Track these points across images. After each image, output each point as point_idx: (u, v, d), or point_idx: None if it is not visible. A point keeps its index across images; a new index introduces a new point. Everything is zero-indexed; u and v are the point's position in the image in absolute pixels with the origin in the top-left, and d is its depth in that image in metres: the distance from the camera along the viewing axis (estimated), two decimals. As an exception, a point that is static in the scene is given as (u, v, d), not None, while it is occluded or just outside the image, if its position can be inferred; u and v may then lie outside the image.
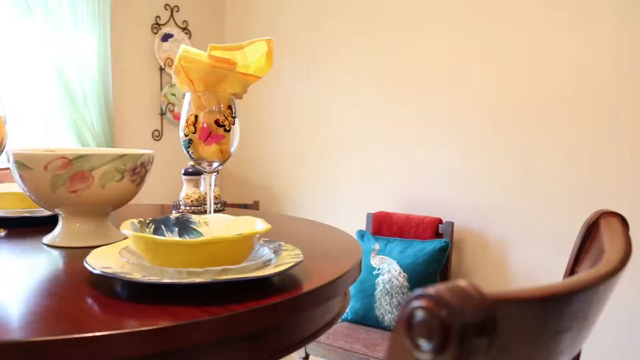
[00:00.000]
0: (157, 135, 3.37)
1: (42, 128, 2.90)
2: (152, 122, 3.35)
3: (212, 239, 0.71)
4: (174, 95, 3.40)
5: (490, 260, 2.55)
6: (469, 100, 2.57)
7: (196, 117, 0.94)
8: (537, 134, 2.37)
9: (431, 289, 0.33)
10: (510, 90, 2.44)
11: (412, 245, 2.44)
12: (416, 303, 0.33)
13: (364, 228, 2.81)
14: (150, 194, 2.96)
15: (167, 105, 3.37)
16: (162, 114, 3.37)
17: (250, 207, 3.17)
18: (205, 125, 0.93)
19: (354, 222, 2.96)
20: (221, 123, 0.93)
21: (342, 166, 3.10)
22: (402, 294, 2.34)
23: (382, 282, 2.39)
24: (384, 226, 2.65)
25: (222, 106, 0.95)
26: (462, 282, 0.34)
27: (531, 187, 2.40)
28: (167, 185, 3.26)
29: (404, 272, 2.37)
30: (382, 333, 2.35)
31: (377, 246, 2.49)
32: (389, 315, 2.35)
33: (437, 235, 2.54)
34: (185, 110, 0.96)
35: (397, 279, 2.37)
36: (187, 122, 0.95)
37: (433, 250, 2.38)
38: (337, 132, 3.11)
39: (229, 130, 0.95)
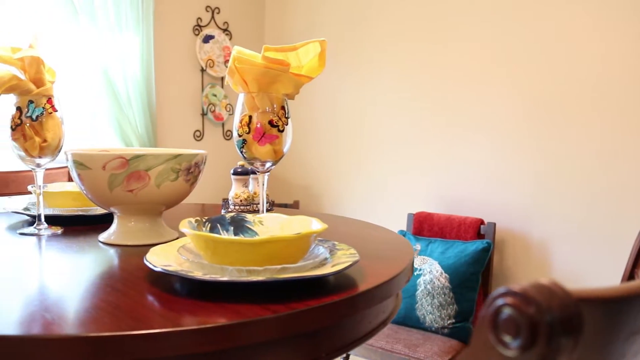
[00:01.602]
0: (199, 136, 3.41)
1: (87, 128, 2.96)
2: (193, 123, 3.39)
3: (272, 238, 0.72)
4: (215, 96, 3.43)
5: (532, 261, 2.52)
6: (511, 101, 2.54)
7: (250, 117, 0.95)
8: (580, 135, 2.33)
9: (516, 287, 0.33)
10: (551, 90, 2.41)
11: (453, 246, 2.42)
12: (501, 300, 0.33)
13: (404, 228, 2.80)
14: (191, 193, 2.99)
15: (209, 105, 3.40)
16: (204, 114, 3.41)
17: (291, 207, 3.18)
18: (259, 126, 0.94)
19: (394, 223, 2.96)
20: (275, 123, 0.94)
21: (383, 166, 3.09)
22: (444, 294, 2.33)
23: (424, 283, 2.38)
24: (425, 226, 2.63)
25: (275, 107, 0.95)
26: (544, 280, 0.34)
27: (574, 187, 2.36)
28: (207, 185, 3.30)
29: (445, 272, 2.36)
30: (423, 334, 2.34)
31: (418, 247, 2.48)
32: (430, 315, 2.34)
33: (479, 236, 2.51)
34: (239, 111, 0.97)
35: (438, 280, 2.35)
36: (241, 123, 0.96)
37: (475, 251, 2.36)
38: (377, 132, 3.11)
39: (282, 131, 0.96)
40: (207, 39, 3.40)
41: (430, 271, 2.38)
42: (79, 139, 2.91)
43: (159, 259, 0.79)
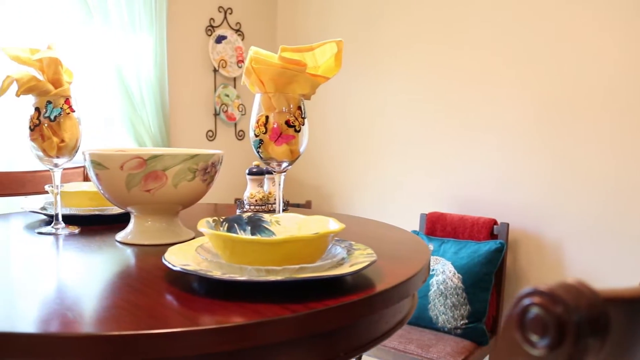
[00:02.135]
0: (211, 136, 3.42)
1: (101, 128, 2.97)
2: (206, 123, 3.40)
3: (291, 238, 0.72)
4: (227, 96, 3.44)
5: (546, 262, 2.51)
6: (523, 101, 2.53)
7: (267, 117, 0.95)
8: (592, 134, 2.32)
9: (543, 286, 0.34)
10: (563, 90, 2.40)
11: (466, 246, 2.41)
12: (528, 300, 0.34)
13: (417, 228, 2.80)
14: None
15: (221, 106, 3.42)
16: (216, 114, 3.42)
17: (303, 207, 3.19)
18: (276, 126, 0.95)
19: (407, 223, 2.95)
20: (291, 123, 0.95)
21: (395, 167, 3.09)
22: (457, 295, 2.32)
23: (437, 283, 2.37)
24: (437, 227, 2.63)
25: (291, 107, 0.96)
26: (571, 280, 0.34)
27: (587, 187, 2.35)
28: (219, 185, 3.31)
29: (458, 273, 2.35)
30: (435, 334, 2.33)
31: (431, 247, 2.48)
32: (443, 316, 2.34)
33: (492, 236, 2.51)
34: (255, 111, 0.98)
35: (451, 280, 2.35)
36: (257, 123, 0.96)
37: (488, 251, 2.35)
38: (389, 133, 3.11)
39: (299, 131, 0.96)
40: (220, 39, 3.41)
41: (443, 271, 2.38)
42: (92, 139, 2.92)
43: (177, 259, 0.79)
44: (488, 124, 2.67)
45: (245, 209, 1.39)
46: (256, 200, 1.37)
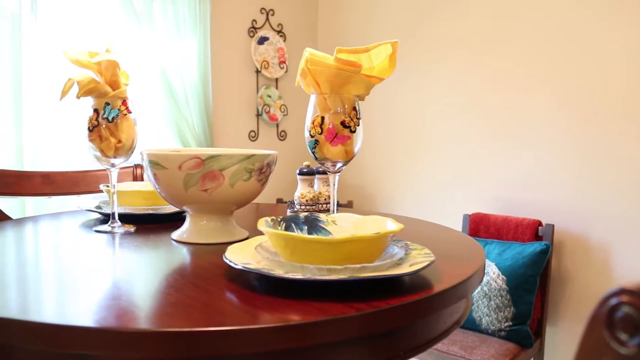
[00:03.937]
0: (254, 136, 3.45)
1: (146, 128, 3.02)
2: (248, 123, 3.43)
3: (354, 237, 0.72)
4: (269, 96, 3.47)
5: (592, 264, 2.47)
6: (567, 101, 2.49)
7: (322, 118, 0.96)
8: (638, 132, 2.28)
9: (630, 285, 0.34)
10: (609, 91, 2.35)
11: (511, 247, 2.39)
12: (616, 299, 0.34)
13: (460, 229, 2.78)
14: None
15: (263, 106, 3.44)
16: (259, 115, 3.45)
17: (344, 207, 3.19)
18: (331, 127, 0.96)
19: (450, 223, 2.93)
20: (347, 124, 0.95)
21: (438, 167, 3.07)
22: (501, 297, 2.30)
23: (480, 285, 2.36)
24: (481, 228, 2.61)
25: (347, 107, 0.97)
26: (657, 281, 0.34)
27: (635, 187, 2.31)
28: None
29: (502, 274, 2.33)
30: (479, 336, 2.32)
31: (474, 248, 2.46)
32: (487, 318, 2.32)
33: (537, 237, 2.47)
34: (310, 112, 0.99)
35: (495, 282, 2.33)
36: (313, 123, 0.97)
37: (533, 252, 2.32)
38: (432, 133, 3.09)
39: (354, 132, 0.97)
40: (262, 40, 3.44)
41: (487, 273, 2.36)
42: (139, 140, 2.97)
43: (237, 257, 0.80)
44: (532, 124, 2.63)
45: (296, 209, 1.40)
46: (307, 200, 1.39)
